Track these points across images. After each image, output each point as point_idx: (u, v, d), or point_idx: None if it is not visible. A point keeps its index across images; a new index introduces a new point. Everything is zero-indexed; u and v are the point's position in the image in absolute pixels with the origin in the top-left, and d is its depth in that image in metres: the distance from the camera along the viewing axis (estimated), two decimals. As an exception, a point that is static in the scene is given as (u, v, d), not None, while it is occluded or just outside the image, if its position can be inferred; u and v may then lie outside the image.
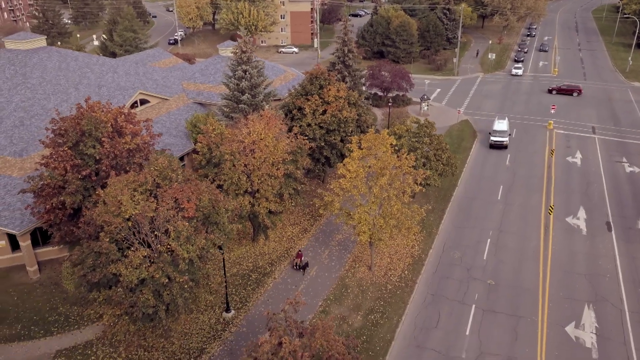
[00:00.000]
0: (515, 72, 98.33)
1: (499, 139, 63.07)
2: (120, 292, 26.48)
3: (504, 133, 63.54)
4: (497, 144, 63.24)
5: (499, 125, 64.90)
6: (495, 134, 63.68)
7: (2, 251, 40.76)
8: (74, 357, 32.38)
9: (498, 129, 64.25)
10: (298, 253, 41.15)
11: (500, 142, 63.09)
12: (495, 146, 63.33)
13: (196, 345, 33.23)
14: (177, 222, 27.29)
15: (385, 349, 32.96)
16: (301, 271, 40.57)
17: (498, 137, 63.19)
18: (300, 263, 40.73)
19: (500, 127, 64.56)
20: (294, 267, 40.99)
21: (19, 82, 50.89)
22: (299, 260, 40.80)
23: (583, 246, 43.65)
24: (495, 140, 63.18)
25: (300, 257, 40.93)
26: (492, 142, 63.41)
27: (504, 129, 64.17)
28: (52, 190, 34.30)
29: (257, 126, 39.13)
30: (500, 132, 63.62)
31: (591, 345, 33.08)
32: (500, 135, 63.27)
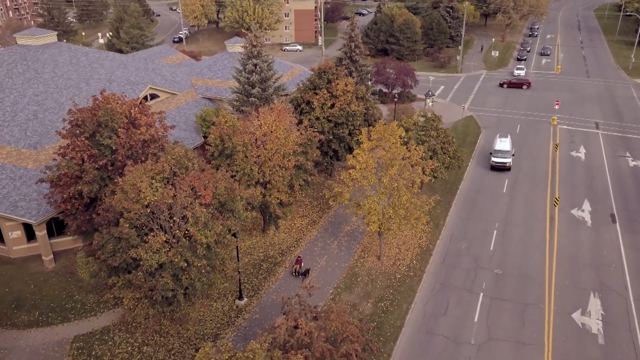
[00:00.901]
0: (517, 74, 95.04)
1: (501, 160, 56.77)
2: (140, 275, 27.21)
3: (507, 153, 57.04)
4: (498, 166, 56.85)
5: (500, 145, 58.14)
6: (497, 155, 57.15)
7: (18, 241, 41.52)
8: (92, 342, 33.18)
9: (500, 148, 57.59)
10: (297, 259, 39.70)
11: (503, 164, 56.69)
12: (496, 168, 56.95)
13: (210, 331, 33.99)
14: (195, 209, 28.05)
15: (396, 335, 33.69)
16: (300, 277, 38.92)
17: (500, 158, 56.91)
18: (299, 269, 39.14)
19: (502, 146, 57.73)
20: (293, 273, 39.21)
21: (32, 77, 51.67)
22: (298, 266, 39.17)
23: (588, 237, 44.36)
24: (497, 161, 56.82)
25: (300, 264, 39.33)
26: (494, 163, 57.03)
27: (506, 148, 57.43)
28: (69, 180, 35.07)
29: (268, 118, 39.87)
30: (503, 152, 57.08)
31: (597, 332, 33.79)
32: (503, 155, 56.95)
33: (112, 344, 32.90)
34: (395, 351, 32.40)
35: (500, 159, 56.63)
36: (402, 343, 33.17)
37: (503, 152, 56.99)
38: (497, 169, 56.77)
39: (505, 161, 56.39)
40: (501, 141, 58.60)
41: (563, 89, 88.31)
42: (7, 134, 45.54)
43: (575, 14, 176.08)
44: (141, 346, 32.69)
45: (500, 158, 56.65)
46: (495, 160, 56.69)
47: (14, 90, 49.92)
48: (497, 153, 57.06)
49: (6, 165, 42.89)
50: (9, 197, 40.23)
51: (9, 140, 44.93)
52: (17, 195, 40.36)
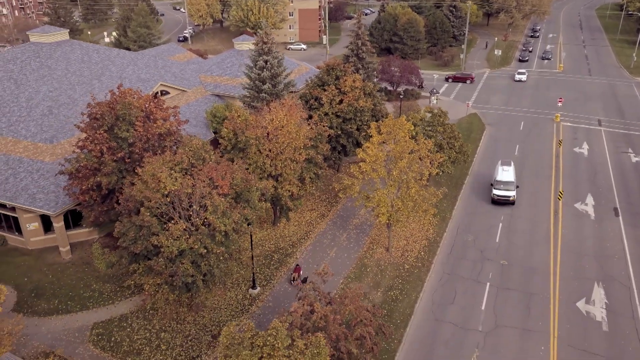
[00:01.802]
0: (518, 78, 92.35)
1: (504, 194, 48.59)
2: (161, 262, 28.23)
3: (510, 185, 49.02)
4: (501, 200, 48.76)
5: (503, 175, 49.97)
6: (499, 186, 49.05)
7: (35, 233, 42.58)
8: (111, 328, 34.22)
9: (502, 179, 49.49)
10: (296, 267, 38.78)
11: (506, 198, 48.57)
12: (498, 202, 48.99)
13: (225, 318, 35.01)
14: (213, 198, 29.08)
15: (406, 322, 34.70)
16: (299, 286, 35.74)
17: (502, 190, 48.78)
18: (298, 278, 38.18)
19: (505, 176, 49.76)
20: (292, 281, 38.18)
21: (45, 74, 52.70)
22: (297, 274, 38.24)
23: (591, 230, 45.34)
24: (500, 195, 48.71)
25: (299, 272, 38.44)
26: (495, 197, 48.88)
27: (509, 179, 49.48)
28: (88, 172, 36.10)
29: (279, 113, 40.88)
30: (505, 183, 49.12)
31: (601, 319, 34.78)
32: (506, 187, 48.87)
33: (130, 331, 33.95)
34: (405, 337, 33.41)
35: (502, 191, 48.81)
36: (412, 329, 34.18)
37: (506, 183, 49.10)
38: (498, 203, 49.09)
39: (508, 195, 48.60)
40: (504, 170, 50.53)
41: (565, 87, 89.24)
42: (23, 128, 46.58)
43: (577, 13, 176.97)
44: (159, 332, 33.76)
45: (503, 191, 48.81)
46: (497, 194, 48.85)
47: (28, 87, 50.97)
48: (499, 185, 49.15)
49: (24, 158, 43.93)
50: (27, 190, 41.29)
51: (26, 134, 45.97)
52: (35, 187, 41.40)
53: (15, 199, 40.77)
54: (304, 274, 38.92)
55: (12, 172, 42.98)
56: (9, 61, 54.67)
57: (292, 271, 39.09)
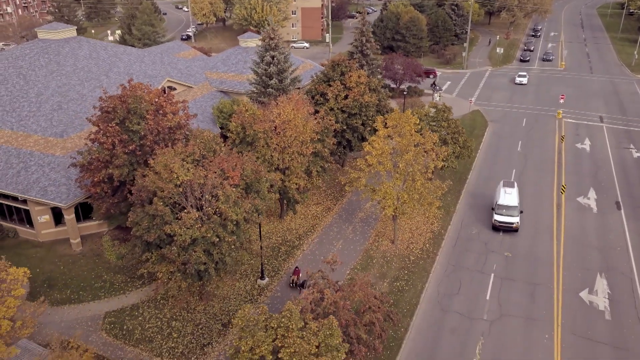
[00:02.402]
0: (519, 81, 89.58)
1: (507, 220, 43.95)
2: (174, 250, 28.88)
3: (513, 210, 44.30)
4: (503, 227, 44.16)
5: (505, 198, 45.30)
6: (501, 211, 44.47)
7: (46, 225, 43.26)
8: (123, 317, 34.90)
9: (504, 203, 44.88)
10: (295, 270, 38.16)
11: (509, 225, 43.96)
12: (500, 229, 44.53)
13: (235, 307, 35.66)
14: (225, 188, 29.74)
15: (412, 311, 35.35)
16: (298, 289, 36.95)
17: (505, 216, 44.15)
18: (297, 281, 37.36)
19: (508, 200, 45.08)
20: (291, 284, 37.42)
21: (54, 70, 53.35)
22: (296, 277, 37.49)
23: (594, 223, 45.98)
24: (501, 221, 44.05)
25: (298, 274, 37.74)
26: (497, 223, 44.34)
27: (512, 203, 44.81)
28: (100, 164, 36.76)
29: (286, 107, 41.53)
30: (508, 208, 44.50)
31: (604, 309, 35.42)
32: (508, 213, 44.21)
33: (142, 319, 34.62)
34: (412, 325, 34.06)
35: (504, 217, 44.23)
36: (418, 319, 34.83)
37: (508, 208, 44.48)
38: (500, 229, 44.57)
39: (511, 221, 43.93)
40: (506, 193, 45.87)
41: (567, 85, 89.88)
42: (33, 123, 47.24)
43: (578, 12, 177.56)
44: (170, 321, 34.43)
45: (505, 217, 44.22)
46: (499, 220, 44.27)
47: (37, 82, 51.62)
48: (501, 210, 44.59)
49: (35, 152, 44.60)
50: (38, 183, 41.97)
51: (36, 129, 46.63)
52: (47, 180, 42.08)
53: (27, 192, 41.47)
54: (307, 271, 39.20)
55: (23, 165, 43.66)
56: (18, 57, 55.38)
57: (292, 274, 38.36)
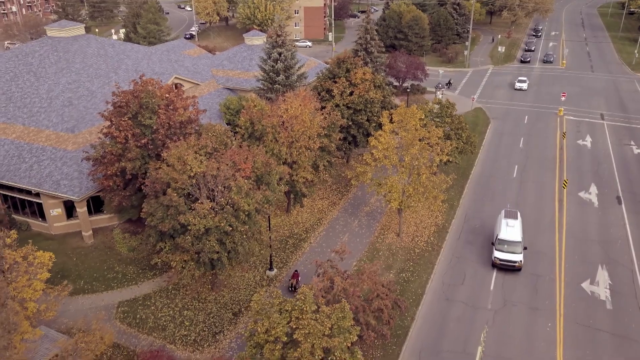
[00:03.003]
0: (518, 87, 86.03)
1: (509, 259, 38.41)
2: (188, 239, 29.76)
3: (516, 246, 38.80)
4: (504, 265, 38.64)
5: (507, 232, 39.68)
6: (502, 247, 38.88)
7: (58, 218, 44.15)
8: (135, 306, 35.79)
9: (506, 237, 39.21)
10: (294, 273, 37.58)
11: (510, 264, 38.42)
12: (501, 267, 38.92)
13: (244, 297, 36.55)
14: (237, 179, 30.63)
15: (418, 301, 36.22)
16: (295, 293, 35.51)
17: (506, 253, 38.59)
18: (296, 285, 36.80)
19: (510, 234, 39.44)
20: (290, 288, 36.86)
21: (64, 67, 54.20)
22: (295, 281, 36.98)
23: (595, 217, 46.84)
24: (502, 259, 38.55)
25: (297, 278, 37.19)
26: (497, 260, 38.79)
27: (515, 238, 39.16)
28: (113, 158, 37.64)
29: (294, 103, 42.41)
30: (510, 243, 38.87)
31: (605, 299, 36.29)
32: (510, 249, 38.65)
33: (154, 309, 35.51)
34: (418, 314, 34.94)
35: (506, 254, 38.53)
36: (424, 308, 35.70)
37: (510, 243, 38.84)
38: (501, 268, 38.94)
39: (513, 259, 38.27)
40: (508, 225, 40.26)
41: (568, 83, 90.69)
42: (45, 119, 48.12)
43: (579, 11, 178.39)
44: (182, 310, 35.32)
45: (507, 253, 38.53)
46: (500, 257, 38.60)
47: (47, 79, 52.48)
48: (502, 245, 38.91)
49: (47, 147, 45.47)
50: (51, 176, 42.85)
51: (47, 124, 47.50)
52: (59, 174, 42.96)
53: (40, 186, 42.37)
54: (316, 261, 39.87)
55: (36, 160, 44.54)
56: (28, 55, 56.26)
57: (290, 277, 37.81)
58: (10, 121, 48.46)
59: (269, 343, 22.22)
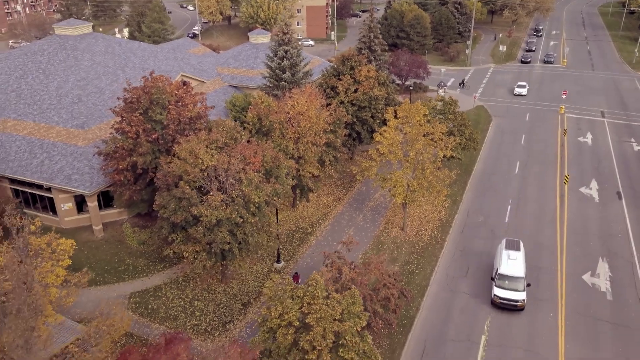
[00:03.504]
0: (518, 92, 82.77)
1: (510, 297, 34.40)
2: (200, 230, 30.62)
3: (518, 282, 34.81)
4: (505, 305, 34.57)
5: (508, 265, 35.74)
6: (502, 283, 34.98)
7: (69, 213, 44.99)
8: (147, 297, 36.65)
9: (507, 271, 35.36)
10: (295, 275, 37.23)
11: (512, 303, 34.37)
12: (502, 307, 34.83)
13: (253, 288, 37.42)
14: (248, 172, 31.49)
15: (422, 292, 37.07)
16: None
17: (507, 290, 34.62)
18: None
19: (511, 268, 35.56)
20: None
21: (72, 64, 55.06)
22: (295, 283, 35.46)
23: (596, 211, 47.69)
24: (503, 297, 34.52)
25: (297, 280, 36.65)
26: (497, 299, 34.75)
27: (517, 273, 35.26)
28: (124, 152, 38.50)
29: (300, 99, 43.27)
30: (512, 279, 34.99)
31: (606, 290, 37.14)
32: (512, 286, 34.70)
33: (165, 299, 36.38)
34: (423, 305, 35.78)
35: (506, 291, 34.57)
36: (429, 299, 36.55)
37: (512, 280, 34.91)
38: (502, 307, 34.82)
39: (515, 298, 34.29)
40: (510, 259, 36.23)
41: (569, 82, 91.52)
42: (55, 115, 48.97)
43: (580, 11, 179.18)
44: (192, 301, 36.17)
45: (508, 291, 34.59)
46: (500, 295, 34.60)
47: (57, 77, 53.35)
48: (503, 281, 35.02)
49: (57, 143, 46.33)
50: (62, 171, 43.71)
51: (58, 121, 48.37)
52: (70, 169, 43.82)
53: (52, 180, 43.23)
54: (324, 252, 40.94)
55: (47, 155, 45.40)
56: (37, 53, 57.14)
57: (291, 278, 36.74)
58: (21, 118, 49.32)
59: (281, 327, 23.06)
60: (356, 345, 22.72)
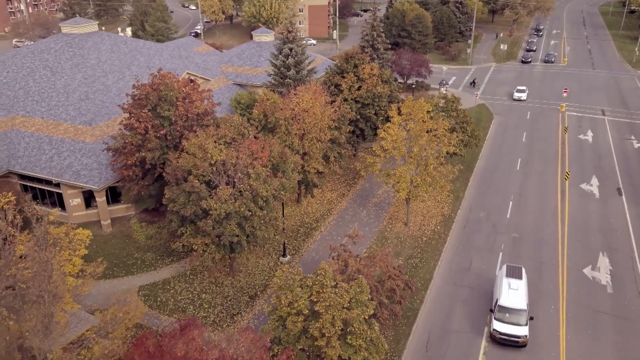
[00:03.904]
0: (517, 97, 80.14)
1: (511, 332, 31.42)
2: (209, 223, 31.30)
3: (520, 316, 31.78)
4: (505, 341, 31.56)
5: (509, 296, 32.71)
6: (503, 316, 32.02)
7: (77, 208, 45.69)
8: (155, 290, 37.36)
9: (508, 303, 32.31)
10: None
11: (513, 339, 31.40)
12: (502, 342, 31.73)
13: (260, 282, 38.11)
14: (256, 167, 32.18)
15: (426, 285, 37.75)
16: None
17: (508, 324, 31.69)
18: None
19: (513, 299, 32.51)
20: None
21: (79, 62, 55.75)
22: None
23: (596, 207, 48.35)
24: (503, 333, 31.53)
25: None
26: (497, 334, 31.79)
27: (519, 305, 32.21)
28: (133, 148, 39.18)
29: (305, 96, 43.94)
30: (513, 312, 31.96)
31: (606, 283, 37.81)
32: (513, 319, 31.75)
33: (174, 292, 37.08)
34: (426, 298, 36.47)
35: (507, 326, 31.65)
36: (433, 292, 37.23)
37: (513, 312, 31.94)
38: (501, 343, 31.79)
39: (516, 334, 31.29)
40: (511, 288, 33.19)
41: (570, 80, 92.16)
42: (62, 112, 49.66)
43: (580, 10, 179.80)
44: (200, 294, 36.88)
45: (509, 325, 31.64)
46: (499, 330, 31.66)
47: (64, 74, 54.04)
48: (504, 314, 32.05)
49: (65, 139, 47.02)
50: (71, 167, 44.42)
51: (65, 118, 49.05)
52: (79, 165, 44.52)
53: (61, 176, 43.93)
54: (329, 245, 41.83)
55: (55, 151, 46.10)
56: (44, 51, 57.83)
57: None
58: (29, 114, 50.01)
59: (291, 316, 23.73)
60: (364, 333, 23.40)
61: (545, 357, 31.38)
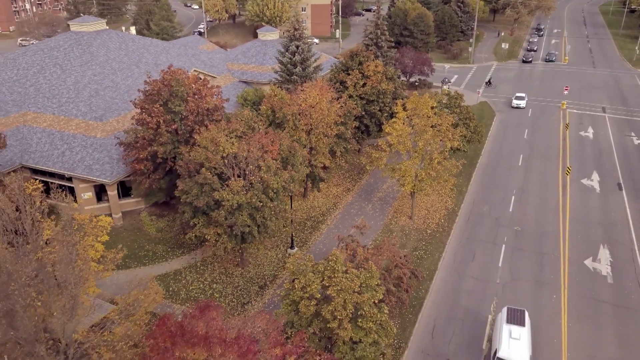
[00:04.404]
0: (516, 104, 76.29)
1: None
2: (222, 214, 32.29)
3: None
4: None
5: (510, 347, 28.34)
6: None
7: (89, 202, 46.66)
8: (167, 280, 38.34)
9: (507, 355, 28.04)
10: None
11: None
12: None
13: (269, 272, 39.09)
14: (266, 159, 33.17)
15: (431, 276, 38.72)
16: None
17: None
18: None
19: (514, 351, 28.09)
20: None
21: (88, 60, 56.74)
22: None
23: (597, 201, 49.33)
24: None
25: None
26: None
27: (521, 358, 27.88)
28: (145, 142, 40.17)
29: (312, 92, 44.93)
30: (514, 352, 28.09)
31: (607, 274, 38.78)
32: None
33: (185, 282, 38.07)
34: (431, 288, 37.44)
35: None
36: (437, 282, 38.20)
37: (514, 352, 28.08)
38: None
39: None
40: (512, 337, 28.92)
41: (571, 78, 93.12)
42: (73, 108, 50.64)
43: (581, 9, 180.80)
44: (211, 284, 37.86)
45: None
46: None
47: (73, 72, 55.02)
48: None
49: (77, 135, 48.01)
50: (83, 162, 45.40)
51: (76, 114, 50.03)
52: (91, 159, 45.50)
53: (73, 170, 44.91)
54: (337, 236, 42.84)
55: (67, 146, 47.08)
56: (53, 49, 58.84)
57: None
58: (41, 111, 50.99)
59: (304, 300, 24.70)
60: (374, 316, 24.36)
61: (548, 344, 32.36)
